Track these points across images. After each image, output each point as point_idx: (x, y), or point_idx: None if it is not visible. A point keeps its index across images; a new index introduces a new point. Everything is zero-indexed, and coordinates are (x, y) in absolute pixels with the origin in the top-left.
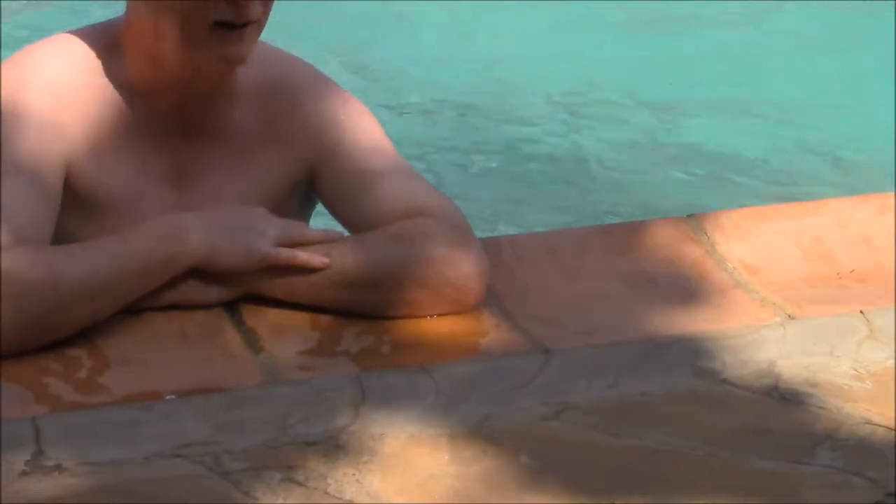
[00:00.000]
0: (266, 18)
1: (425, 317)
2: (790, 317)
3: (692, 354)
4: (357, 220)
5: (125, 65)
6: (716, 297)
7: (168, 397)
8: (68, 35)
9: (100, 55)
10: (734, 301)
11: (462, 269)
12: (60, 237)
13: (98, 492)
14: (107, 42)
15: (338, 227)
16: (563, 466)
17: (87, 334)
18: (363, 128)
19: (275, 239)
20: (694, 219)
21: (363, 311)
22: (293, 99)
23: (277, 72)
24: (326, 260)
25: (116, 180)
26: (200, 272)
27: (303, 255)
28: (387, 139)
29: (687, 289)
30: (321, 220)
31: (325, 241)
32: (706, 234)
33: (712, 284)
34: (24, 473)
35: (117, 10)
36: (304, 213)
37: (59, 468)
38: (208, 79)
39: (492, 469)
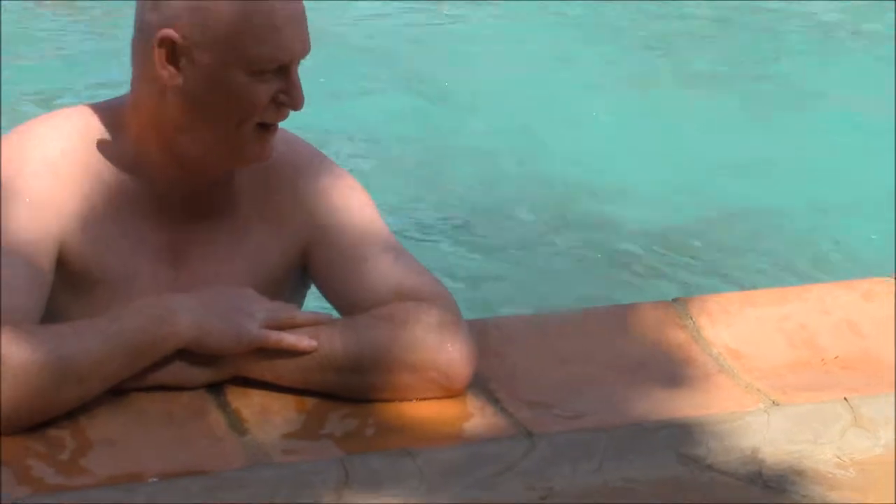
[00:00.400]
0: None
1: (412, 400)
2: (774, 403)
3: (677, 440)
4: (347, 302)
5: (126, 144)
6: (701, 382)
7: (151, 480)
8: (68, 111)
9: (100, 133)
10: (719, 386)
11: (450, 354)
12: (54, 314)
13: None
14: (107, 120)
15: (329, 309)
16: None
17: (71, 414)
18: (356, 207)
19: (263, 321)
20: (680, 303)
21: (350, 394)
22: (288, 178)
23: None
24: (314, 343)
25: (111, 258)
26: (188, 353)
27: (291, 338)
28: (379, 218)
29: (672, 373)
30: (313, 302)
31: (314, 323)
32: (692, 318)
33: (697, 369)
34: None
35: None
36: (298, 294)
37: None
38: (226, 170)
39: None
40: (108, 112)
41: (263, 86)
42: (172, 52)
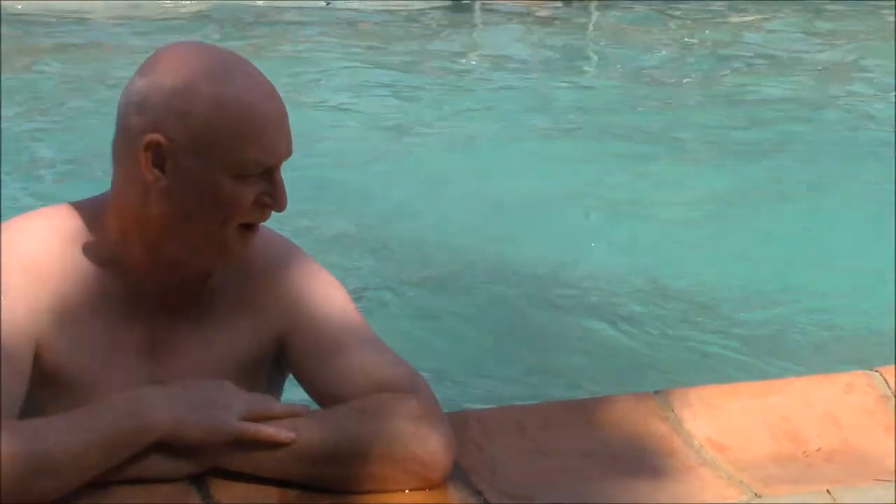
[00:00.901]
0: None
1: (392, 491)
2: (757, 496)
3: None
4: (324, 393)
5: (106, 243)
6: (683, 475)
7: None
8: (47, 210)
9: (79, 232)
10: (701, 479)
11: (428, 445)
12: (32, 412)
13: None
14: (87, 219)
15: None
16: None
17: None
18: (332, 300)
19: (241, 413)
20: (661, 395)
21: (330, 485)
22: (264, 271)
23: None
24: (292, 435)
25: (88, 355)
26: (166, 446)
27: (269, 430)
28: (354, 310)
29: (654, 466)
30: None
31: (292, 415)
32: (673, 410)
33: (679, 462)
34: None
35: None
36: (276, 384)
37: None
38: (206, 268)
39: None
40: (88, 211)
41: (248, 188)
42: (158, 155)
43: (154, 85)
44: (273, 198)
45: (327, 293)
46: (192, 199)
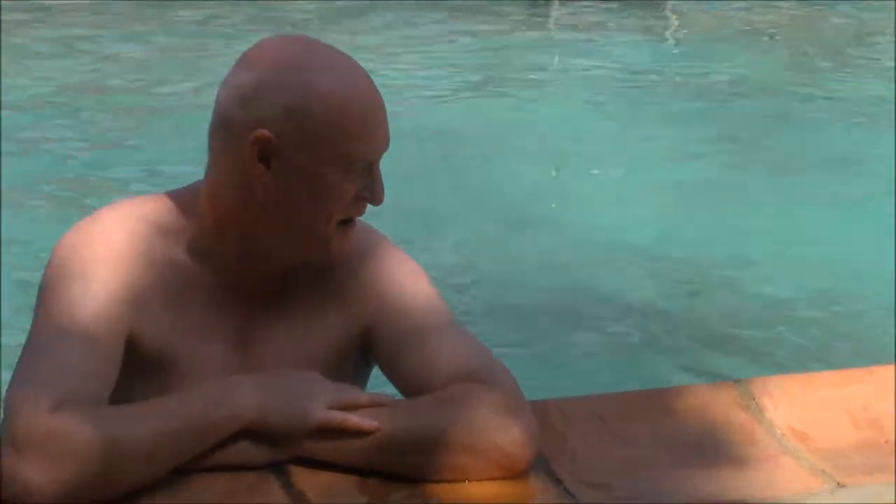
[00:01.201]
0: None
1: (473, 481)
2: (839, 485)
3: None
4: (409, 383)
5: (199, 233)
6: (765, 464)
7: None
8: (139, 199)
9: (169, 220)
10: (783, 468)
11: (512, 435)
12: (123, 399)
13: None
14: (179, 208)
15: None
16: None
17: (133, 495)
18: (418, 290)
19: (326, 403)
20: (742, 384)
21: (411, 474)
22: (353, 262)
23: None
24: (376, 424)
25: (181, 345)
26: (252, 433)
27: (354, 419)
28: (441, 301)
29: (735, 455)
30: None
31: (376, 405)
32: (754, 399)
33: (761, 451)
34: None
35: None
36: (361, 375)
37: None
38: (303, 262)
39: None
40: (179, 200)
41: (351, 183)
42: (263, 150)
43: (259, 79)
44: (371, 191)
45: (413, 282)
46: (297, 194)
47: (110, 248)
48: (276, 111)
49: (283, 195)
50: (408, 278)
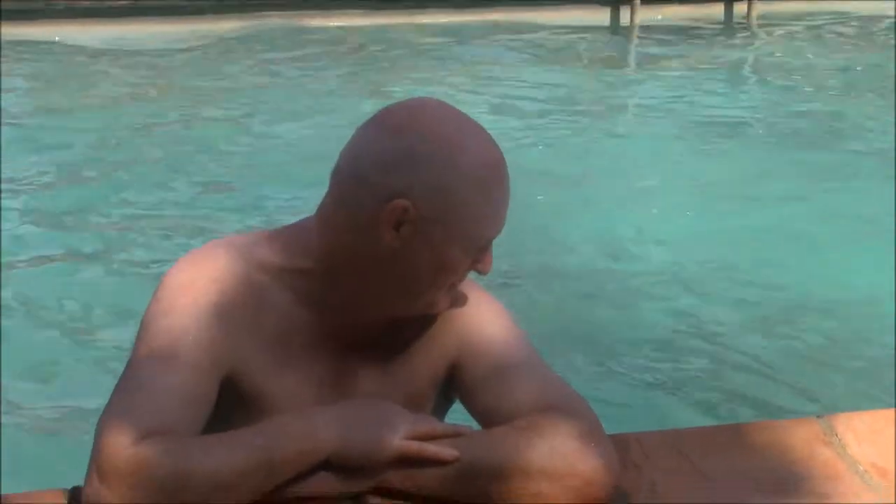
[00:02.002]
0: None
1: None
2: None
3: None
4: (489, 414)
5: (304, 276)
6: (846, 501)
7: None
8: (245, 236)
9: (276, 262)
10: None
11: (591, 462)
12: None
13: None
14: (285, 248)
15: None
16: None
17: None
18: (500, 327)
19: (405, 433)
20: (825, 420)
21: (490, 502)
22: None
23: None
24: (455, 453)
25: (276, 385)
26: (331, 464)
27: (432, 448)
28: (524, 337)
29: (819, 491)
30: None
31: (455, 434)
32: (837, 435)
33: (845, 487)
34: None
35: None
36: (442, 408)
37: None
38: (407, 317)
39: None
40: (289, 239)
41: (472, 258)
42: (400, 218)
43: (404, 149)
44: (482, 264)
45: (495, 319)
46: (423, 264)
47: (215, 288)
48: (420, 185)
49: (407, 262)
50: (490, 314)
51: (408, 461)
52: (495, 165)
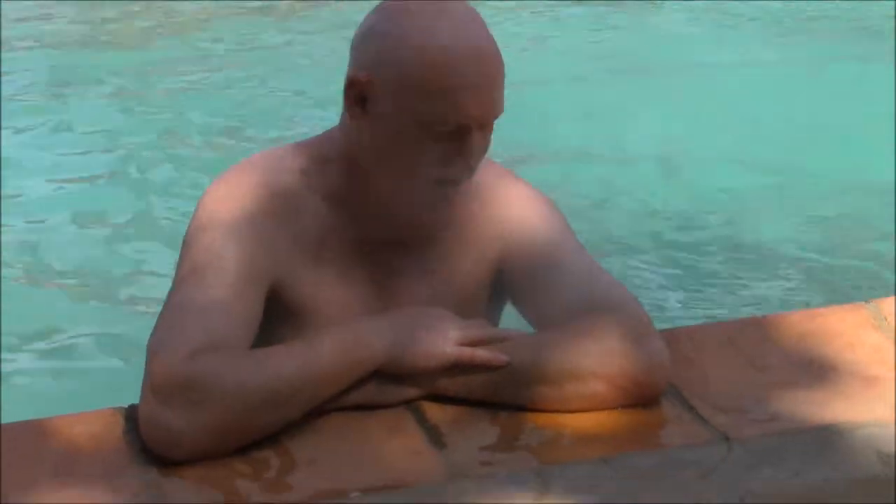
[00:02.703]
0: None
1: (605, 410)
2: None
3: (875, 441)
4: (539, 315)
5: (333, 176)
6: None
7: (353, 495)
8: (277, 150)
9: (308, 167)
10: None
11: (642, 362)
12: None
13: None
14: (314, 154)
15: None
16: None
17: (274, 436)
18: (548, 223)
19: (456, 339)
20: (873, 304)
21: (542, 405)
22: (481, 199)
23: None
24: (506, 358)
25: (321, 292)
26: (382, 373)
27: (483, 354)
28: (571, 232)
29: (868, 375)
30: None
31: (505, 339)
32: (886, 319)
33: (894, 370)
34: None
35: None
36: (494, 310)
37: None
38: (411, 219)
39: None
40: (317, 148)
41: (436, 144)
42: (361, 93)
43: (371, 27)
44: (460, 157)
45: (543, 216)
46: (383, 142)
47: (251, 199)
48: (373, 57)
49: (375, 142)
50: (538, 211)
51: (459, 367)
52: (456, 45)
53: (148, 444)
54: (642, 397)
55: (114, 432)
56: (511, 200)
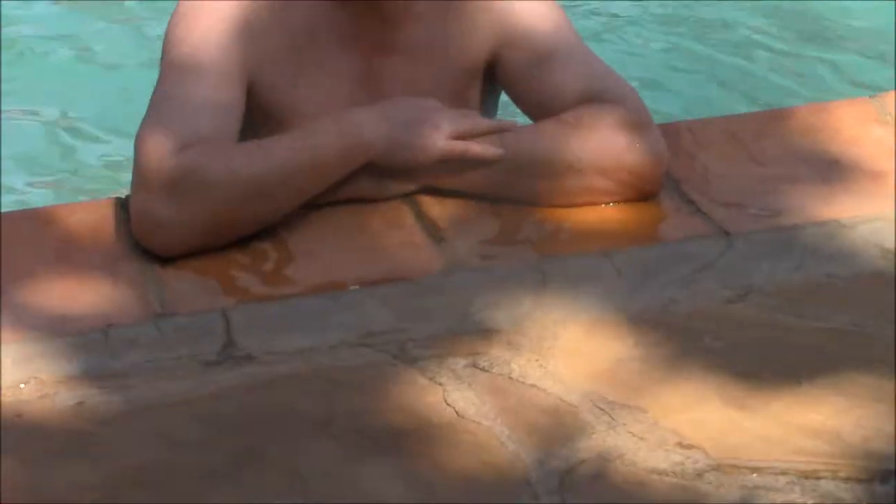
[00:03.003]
0: None
1: (604, 204)
2: None
3: (877, 235)
4: (535, 104)
5: None
6: None
7: (352, 287)
8: None
9: None
10: None
11: (640, 154)
12: None
13: (287, 379)
14: None
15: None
16: (749, 348)
17: (271, 228)
18: (542, 11)
19: (449, 132)
20: (878, 99)
21: (541, 200)
22: None
23: None
24: (500, 151)
25: (306, 87)
26: (377, 167)
27: (476, 147)
28: (568, 22)
29: (873, 170)
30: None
31: (499, 130)
32: (890, 114)
33: None
34: (216, 363)
35: None
36: (488, 103)
37: (248, 357)
38: None
39: (677, 352)
40: None
41: None
42: None
43: None
44: None
45: (541, 6)
46: None
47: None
48: None
49: None
50: (531, 3)
51: (453, 161)
52: None
53: (138, 237)
54: (641, 191)
55: (111, 222)
56: None
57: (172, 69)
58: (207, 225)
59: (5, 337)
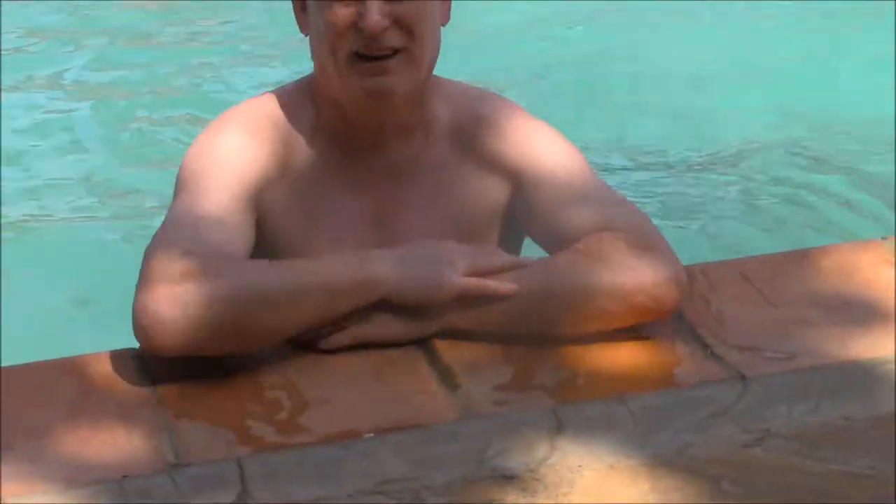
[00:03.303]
0: (421, 50)
1: (621, 329)
2: None
3: (893, 376)
4: (549, 238)
5: (318, 112)
6: None
7: (367, 435)
8: (261, 97)
9: (296, 106)
10: None
11: (655, 275)
12: None
13: None
14: (302, 93)
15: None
16: (767, 492)
17: (286, 375)
18: (558, 149)
19: (464, 269)
20: (889, 241)
21: (557, 331)
22: (489, 129)
23: (468, 104)
24: (515, 286)
25: (317, 224)
26: (392, 308)
27: (492, 284)
28: (579, 157)
29: (884, 312)
30: None
31: (515, 266)
32: None
33: None
34: None
35: None
36: (511, 239)
37: None
38: (366, 112)
39: (693, 498)
40: (302, 85)
41: (344, 10)
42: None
43: None
44: (362, 17)
45: (551, 146)
46: (313, 27)
47: (244, 132)
48: None
49: (312, 31)
50: (546, 138)
51: (469, 298)
52: None
53: (137, 334)
54: (658, 313)
55: (125, 373)
56: (523, 131)
57: (183, 206)
58: (210, 329)
59: (18, 489)
